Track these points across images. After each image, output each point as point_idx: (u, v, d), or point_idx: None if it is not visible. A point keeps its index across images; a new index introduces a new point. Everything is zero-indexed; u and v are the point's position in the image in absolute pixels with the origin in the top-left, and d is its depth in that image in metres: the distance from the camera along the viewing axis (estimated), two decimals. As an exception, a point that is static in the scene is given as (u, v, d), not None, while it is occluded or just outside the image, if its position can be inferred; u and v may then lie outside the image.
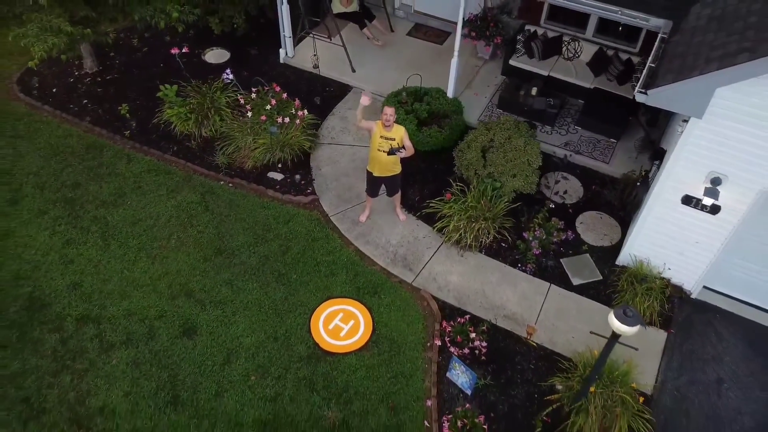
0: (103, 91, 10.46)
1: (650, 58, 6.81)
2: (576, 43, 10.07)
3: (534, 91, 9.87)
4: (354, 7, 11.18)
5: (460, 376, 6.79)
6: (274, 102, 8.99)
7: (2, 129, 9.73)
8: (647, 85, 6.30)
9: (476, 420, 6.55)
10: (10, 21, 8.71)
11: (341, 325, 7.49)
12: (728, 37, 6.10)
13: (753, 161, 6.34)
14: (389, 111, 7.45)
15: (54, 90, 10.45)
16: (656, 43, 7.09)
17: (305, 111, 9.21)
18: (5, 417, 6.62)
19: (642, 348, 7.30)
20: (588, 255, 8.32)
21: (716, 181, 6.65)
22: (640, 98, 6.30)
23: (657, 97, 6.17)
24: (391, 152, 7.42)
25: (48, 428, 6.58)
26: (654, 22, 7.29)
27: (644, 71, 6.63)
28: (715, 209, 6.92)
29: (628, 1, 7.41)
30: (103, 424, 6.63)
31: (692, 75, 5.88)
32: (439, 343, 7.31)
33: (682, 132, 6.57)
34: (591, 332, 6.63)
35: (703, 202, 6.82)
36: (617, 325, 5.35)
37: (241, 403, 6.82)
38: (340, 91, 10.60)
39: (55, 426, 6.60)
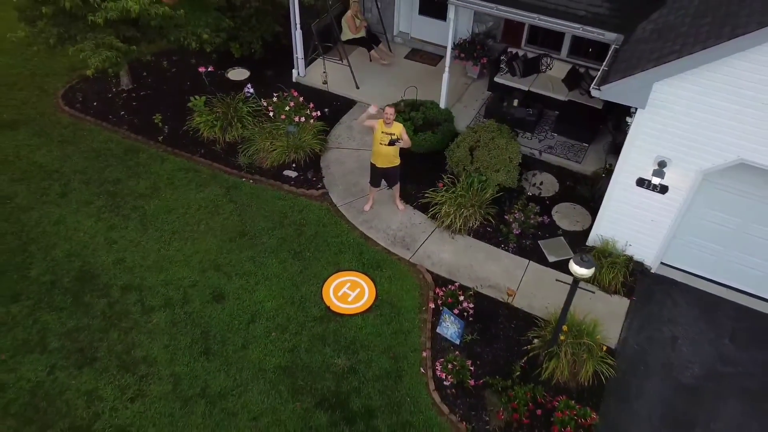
0: (138, 104, 11.92)
1: (604, 64, 8.26)
2: (548, 58, 11.61)
3: (515, 102, 11.32)
4: (362, 33, 12.76)
5: (450, 327, 8.00)
6: (292, 104, 10.43)
7: (51, 135, 11.12)
8: (601, 84, 7.70)
9: (465, 363, 7.72)
10: (66, 41, 10.19)
11: (349, 293, 8.71)
12: (664, 43, 7.54)
13: (690, 145, 7.68)
14: (390, 111, 8.86)
15: (95, 103, 11.90)
16: (609, 53, 8.54)
17: (318, 112, 10.65)
18: (64, 363, 7.79)
19: (607, 312, 8.56)
20: (562, 237, 9.59)
21: (662, 164, 7.98)
22: (594, 93, 7.69)
23: (608, 92, 7.57)
24: (392, 143, 8.79)
25: (100, 372, 7.73)
26: (608, 36, 8.76)
27: (599, 73, 8.04)
28: (663, 189, 8.24)
29: (588, 20, 8.90)
30: (146, 370, 7.79)
31: (634, 73, 7.29)
32: (432, 306, 8.53)
33: (631, 123, 7.94)
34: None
35: (653, 182, 8.14)
36: (576, 269, 6.63)
37: (264, 353, 7.99)
38: (346, 105, 12.04)
39: (106, 371, 7.75)
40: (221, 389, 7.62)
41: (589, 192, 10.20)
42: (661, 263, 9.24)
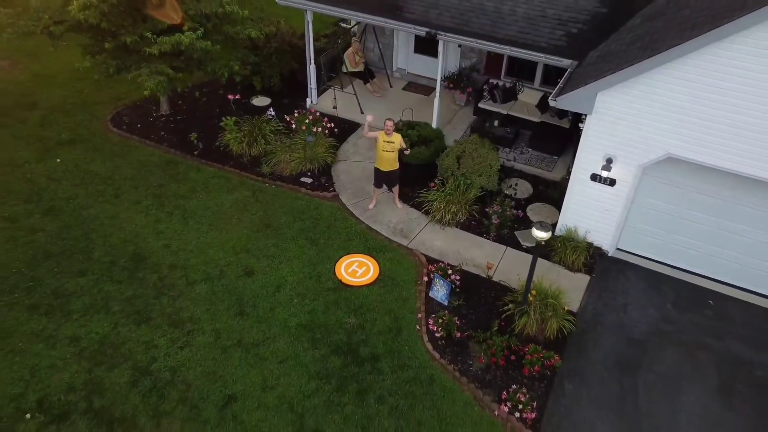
0: (175, 126, 13.99)
1: (560, 82, 10.34)
2: (520, 84, 13.83)
3: (496, 123, 13.41)
4: (361, 67, 14.99)
5: (440, 290, 9.79)
6: (311, 117, 12.51)
7: (103, 150, 13.14)
8: (557, 96, 9.75)
9: (452, 319, 9.47)
10: (122, 70, 12.34)
11: (357, 270, 10.52)
12: (605, 65, 9.64)
13: (629, 144, 9.66)
14: (389, 123, 10.92)
15: (138, 126, 13.97)
16: (566, 74, 10.65)
17: (332, 124, 12.76)
18: (125, 321, 9.54)
19: (570, 285, 10.32)
20: (534, 229, 11.45)
21: (609, 160, 9.95)
22: (552, 103, 9.74)
23: (562, 102, 9.62)
24: (402, 151, 10.87)
25: (154, 328, 9.46)
26: (565, 63, 10.88)
27: (556, 89, 10.11)
28: (612, 182, 10.18)
29: (549, 50, 11.05)
30: (192, 326, 9.53)
31: (580, 86, 9.36)
32: (426, 279, 10.33)
33: (583, 127, 9.96)
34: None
35: (603, 176, 10.09)
36: (537, 233, 8.50)
37: (288, 314, 9.74)
38: (353, 126, 14.12)
39: (159, 327, 9.49)
40: (254, 340, 9.34)
41: (557, 194, 12.11)
42: (617, 249, 11.08)
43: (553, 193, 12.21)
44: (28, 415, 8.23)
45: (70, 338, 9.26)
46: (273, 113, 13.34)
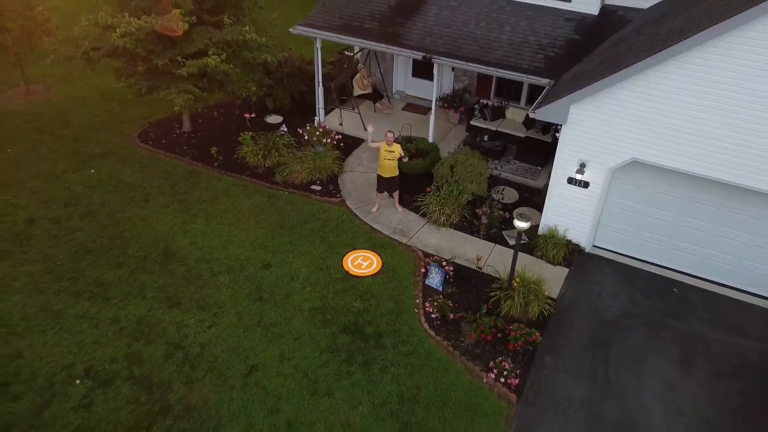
0: (197, 142, 15.48)
1: (539, 98, 11.86)
2: (506, 102, 15.37)
3: (486, 138, 14.91)
4: (369, 90, 16.60)
5: (435, 277, 11.13)
6: (321, 130, 14.00)
7: (132, 162, 14.60)
8: (535, 109, 11.24)
9: (447, 302, 10.78)
10: (153, 90, 13.87)
11: (362, 263, 11.86)
12: (577, 82, 11.15)
13: (599, 149, 11.10)
14: (390, 135, 12.41)
15: (163, 141, 15.45)
16: (544, 91, 12.17)
17: (340, 135, 14.24)
18: (158, 305, 10.84)
19: (551, 276, 11.66)
20: (520, 229, 12.83)
21: (583, 165, 11.39)
22: (531, 115, 11.23)
23: (540, 113, 11.10)
24: (401, 159, 12.30)
25: (184, 311, 10.75)
26: (543, 81, 12.43)
27: (534, 103, 11.61)
28: (586, 184, 11.61)
29: (531, 71, 12.62)
30: (217, 310, 10.82)
31: (554, 100, 10.86)
32: (424, 270, 11.67)
33: (559, 135, 11.44)
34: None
35: (577, 179, 11.52)
36: (518, 223, 9.88)
37: (302, 299, 11.05)
38: (357, 142, 15.62)
39: (189, 310, 10.78)
40: (272, 321, 10.63)
41: (540, 200, 13.50)
42: (594, 245, 12.45)
43: (537, 199, 13.62)
44: (77, 381, 9.48)
45: (111, 319, 10.55)
46: (285, 129, 14.84)
